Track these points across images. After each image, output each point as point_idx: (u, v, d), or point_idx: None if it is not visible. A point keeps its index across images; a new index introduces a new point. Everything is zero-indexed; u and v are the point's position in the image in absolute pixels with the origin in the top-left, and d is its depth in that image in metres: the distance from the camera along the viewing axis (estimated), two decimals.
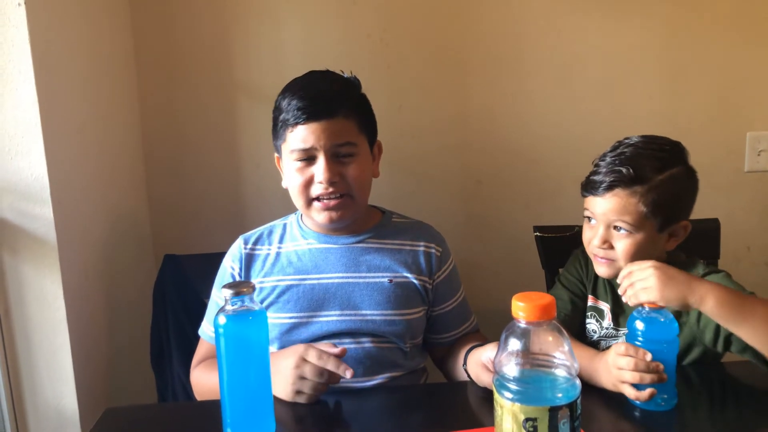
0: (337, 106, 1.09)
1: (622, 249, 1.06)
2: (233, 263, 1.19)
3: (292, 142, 1.10)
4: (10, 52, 1.11)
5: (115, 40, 1.52)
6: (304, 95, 1.09)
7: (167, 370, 1.38)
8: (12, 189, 1.15)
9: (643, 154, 1.06)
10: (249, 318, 0.84)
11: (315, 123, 1.08)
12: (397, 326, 1.13)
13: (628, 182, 1.04)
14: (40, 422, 1.22)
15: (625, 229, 1.05)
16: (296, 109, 1.08)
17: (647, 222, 1.05)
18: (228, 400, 0.85)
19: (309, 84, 1.13)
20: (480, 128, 1.71)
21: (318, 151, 1.09)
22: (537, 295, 0.70)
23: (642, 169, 1.04)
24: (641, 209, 1.04)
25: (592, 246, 1.10)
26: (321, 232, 1.19)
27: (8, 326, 1.19)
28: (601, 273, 1.11)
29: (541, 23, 1.67)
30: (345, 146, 1.10)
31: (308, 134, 1.08)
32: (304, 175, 1.10)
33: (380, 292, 1.13)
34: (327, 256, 1.16)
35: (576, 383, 0.70)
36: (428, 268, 1.18)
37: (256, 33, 1.63)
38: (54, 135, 1.17)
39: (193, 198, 1.68)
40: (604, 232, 1.07)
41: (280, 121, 1.12)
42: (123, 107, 1.55)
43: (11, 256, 1.17)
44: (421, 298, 1.17)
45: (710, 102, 1.72)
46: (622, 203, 1.04)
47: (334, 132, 1.08)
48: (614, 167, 1.05)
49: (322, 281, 1.14)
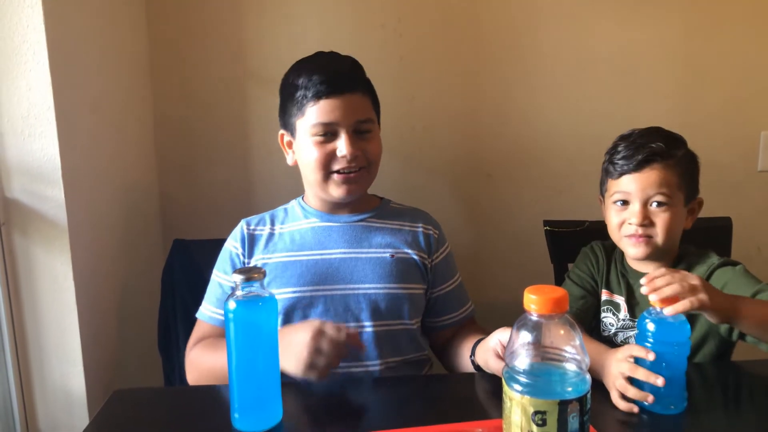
0: (357, 82, 1.14)
1: (662, 223, 1.09)
2: (235, 243, 1.20)
3: (313, 116, 1.12)
4: (24, 33, 1.11)
5: (129, 23, 1.52)
6: (325, 71, 1.12)
7: (174, 354, 1.39)
8: (24, 170, 1.15)
9: (660, 135, 1.11)
10: (259, 304, 0.84)
11: (338, 98, 1.11)
12: (399, 300, 1.14)
13: (662, 155, 1.08)
14: (47, 403, 1.23)
15: (664, 202, 1.09)
16: (319, 84, 1.10)
17: (678, 195, 1.10)
18: (236, 385, 0.85)
19: (326, 62, 1.17)
20: (491, 122, 1.70)
21: (339, 126, 1.12)
22: (549, 288, 0.70)
23: (668, 145, 1.09)
24: (674, 180, 1.08)
25: (627, 228, 1.12)
26: (323, 211, 1.21)
27: (18, 307, 1.19)
28: (638, 254, 1.12)
29: (555, 18, 1.66)
30: (366, 123, 1.14)
31: (332, 109, 1.11)
32: (324, 150, 1.12)
33: (382, 266, 1.15)
34: (329, 233, 1.18)
35: (586, 378, 0.69)
36: (427, 246, 1.21)
37: (270, 20, 1.62)
38: (67, 117, 1.17)
39: (204, 184, 1.68)
40: (642, 209, 1.09)
41: (298, 97, 1.13)
42: (135, 92, 1.55)
43: (22, 236, 1.17)
44: (421, 275, 1.19)
45: (724, 101, 1.71)
46: (661, 175, 1.08)
47: (356, 107, 1.12)
48: (645, 144, 1.09)
49: (325, 257, 1.16)
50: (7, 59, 1.11)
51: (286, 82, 1.18)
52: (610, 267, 1.20)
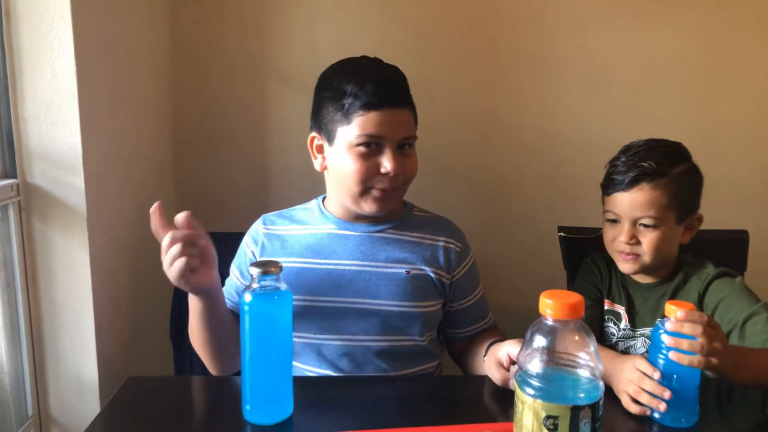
0: (406, 97, 1.11)
1: (649, 243, 1.10)
2: (251, 244, 1.19)
3: (360, 126, 1.06)
4: (51, 21, 1.12)
5: (151, 18, 1.53)
6: (377, 81, 1.07)
7: (185, 344, 1.39)
8: (46, 156, 1.17)
9: (657, 151, 1.10)
10: (275, 297, 0.85)
11: (388, 111, 1.06)
12: (412, 318, 1.12)
13: (651, 175, 1.08)
14: (59, 389, 1.24)
15: (651, 224, 1.09)
16: (372, 94, 1.05)
17: (669, 214, 1.09)
18: (249, 377, 0.86)
19: (376, 71, 1.11)
20: (508, 126, 1.70)
21: (386, 140, 1.07)
22: (565, 293, 0.70)
23: (661, 163, 1.08)
24: (663, 201, 1.08)
25: (617, 244, 1.13)
26: (344, 218, 1.18)
27: (35, 291, 1.21)
28: (626, 269, 1.14)
29: (574, 25, 1.65)
30: (410, 139, 1.11)
31: (382, 122, 1.06)
32: (366, 163, 1.07)
33: (397, 283, 1.13)
34: (346, 242, 1.16)
35: (599, 385, 0.69)
36: (447, 263, 1.17)
37: (292, 19, 1.63)
38: (89, 106, 1.18)
39: (220, 178, 1.70)
40: (630, 228, 1.10)
41: (345, 103, 1.07)
42: (155, 86, 1.57)
43: (41, 222, 1.19)
44: (437, 292, 1.17)
45: (742, 111, 1.69)
46: (648, 197, 1.08)
47: (404, 123, 1.09)
48: (636, 163, 1.09)
49: (339, 267, 1.14)
50: (34, 47, 1.13)
51: (329, 84, 1.11)
52: (611, 277, 1.21)
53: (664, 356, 0.87)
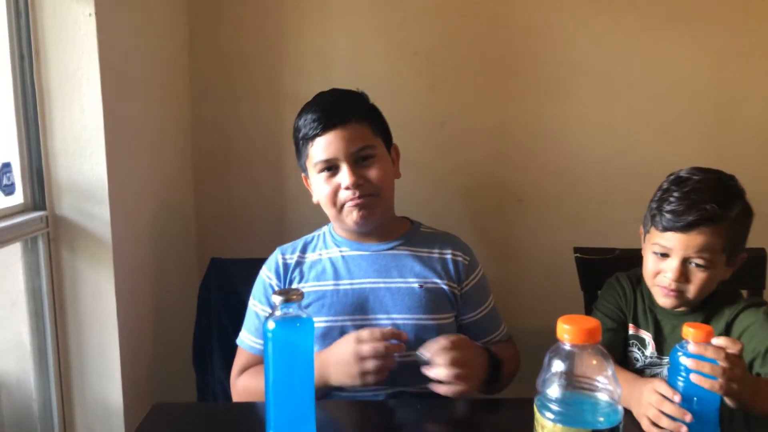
0: (349, 112, 1.16)
1: (697, 283, 1.06)
2: (269, 274, 1.23)
3: (314, 155, 1.16)
4: (79, 59, 1.17)
5: (172, 50, 1.58)
6: (315, 109, 1.17)
7: (208, 371, 1.42)
8: (73, 189, 1.21)
9: (715, 190, 1.05)
10: (297, 324, 0.87)
11: (332, 132, 1.14)
12: (427, 331, 1.14)
13: (713, 219, 1.03)
14: (86, 416, 1.26)
15: (703, 264, 1.05)
16: (312, 122, 1.15)
17: (721, 257, 1.06)
18: (272, 403, 0.87)
19: (319, 100, 1.21)
20: (522, 147, 1.71)
21: (340, 159, 1.15)
22: (583, 318, 0.71)
23: (722, 206, 1.03)
24: (721, 244, 1.04)
25: (661, 278, 1.09)
26: (352, 239, 1.23)
27: (63, 320, 1.24)
28: (667, 304, 1.11)
29: (586, 44, 1.67)
30: (364, 149, 1.16)
31: (327, 144, 1.14)
32: (330, 185, 1.16)
33: (411, 297, 1.16)
34: (359, 262, 1.20)
35: (618, 409, 0.70)
36: (456, 275, 1.22)
37: (307, 46, 1.67)
38: (114, 139, 1.23)
39: (239, 204, 1.73)
40: (679, 266, 1.06)
41: (300, 139, 1.19)
42: (175, 115, 1.61)
43: (69, 252, 1.22)
44: (450, 304, 1.20)
45: (757, 128, 1.69)
46: (707, 240, 1.04)
47: (351, 138, 1.15)
48: (695, 203, 1.04)
49: (355, 286, 1.17)
50: (63, 84, 1.18)
51: (294, 128, 1.23)
52: (636, 300, 1.18)
53: (684, 378, 0.87)
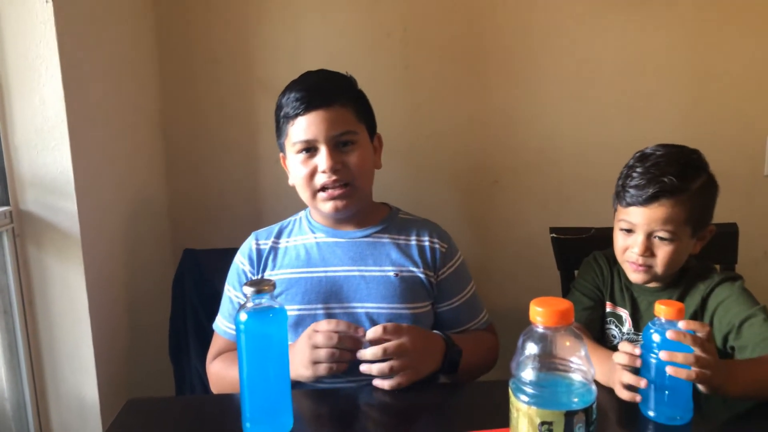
0: (334, 95, 1.13)
1: (663, 256, 1.08)
2: (243, 260, 1.21)
3: (293, 134, 1.13)
4: (37, 48, 1.13)
5: (138, 36, 1.54)
6: (301, 88, 1.13)
7: (185, 363, 1.40)
8: (38, 183, 1.18)
9: (676, 163, 1.07)
10: (269, 315, 0.86)
11: (314, 113, 1.11)
12: (402, 320, 1.13)
13: (672, 191, 1.05)
14: (61, 412, 1.25)
15: (667, 237, 1.07)
16: (294, 101, 1.12)
17: (685, 228, 1.07)
18: (248, 395, 0.86)
19: (305, 79, 1.18)
20: (497, 128, 1.71)
21: (319, 142, 1.12)
22: (555, 300, 0.71)
23: (682, 178, 1.05)
24: (682, 217, 1.06)
25: (629, 254, 1.11)
26: (329, 226, 1.21)
27: (32, 317, 1.21)
28: (637, 279, 1.12)
29: (561, 25, 1.66)
30: (345, 134, 1.13)
31: (308, 125, 1.11)
32: (307, 167, 1.13)
33: (386, 286, 1.15)
34: (334, 249, 1.18)
35: (592, 388, 0.70)
36: (433, 262, 1.20)
37: (277, 29, 1.64)
38: (79, 131, 1.19)
39: (213, 194, 1.70)
40: (644, 241, 1.08)
41: (281, 117, 1.16)
42: (144, 103, 1.58)
43: (36, 248, 1.19)
44: (426, 293, 1.19)
45: (731, 105, 1.71)
46: (667, 212, 1.05)
47: (333, 121, 1.12)
48: (655, 177, 1.05)
49: (329, 274, 1.16)
50: (21, 74, 1.14)
51: (276, 105, 1.19)
52: (613, 278, 1.20)
53: (656, 355, 0.88)
